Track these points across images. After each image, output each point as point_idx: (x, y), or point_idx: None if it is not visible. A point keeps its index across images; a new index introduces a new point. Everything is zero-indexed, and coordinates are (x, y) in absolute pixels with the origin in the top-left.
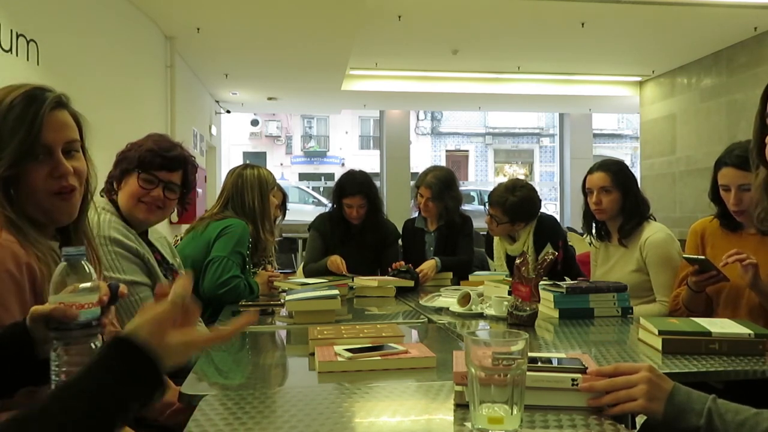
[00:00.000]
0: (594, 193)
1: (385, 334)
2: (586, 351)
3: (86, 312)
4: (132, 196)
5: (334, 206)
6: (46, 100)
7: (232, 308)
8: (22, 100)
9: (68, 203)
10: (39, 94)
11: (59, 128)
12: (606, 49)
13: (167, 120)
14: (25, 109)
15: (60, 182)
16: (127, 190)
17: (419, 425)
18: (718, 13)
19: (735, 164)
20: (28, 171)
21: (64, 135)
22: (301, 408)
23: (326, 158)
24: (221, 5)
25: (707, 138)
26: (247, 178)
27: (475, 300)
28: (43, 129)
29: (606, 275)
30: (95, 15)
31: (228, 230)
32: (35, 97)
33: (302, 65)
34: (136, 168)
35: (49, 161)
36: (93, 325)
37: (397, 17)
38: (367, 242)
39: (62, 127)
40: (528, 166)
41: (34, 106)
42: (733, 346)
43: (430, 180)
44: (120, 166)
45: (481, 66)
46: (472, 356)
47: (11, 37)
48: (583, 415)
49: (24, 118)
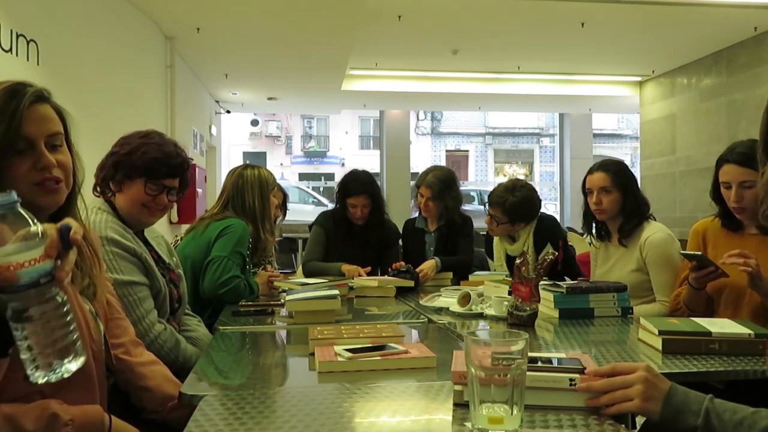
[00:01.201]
0: (594, 193)
1: (385, 334)
2: (586, 351)
3: (29, 271)
4: (136, 201)
5: (337, 206)
6: (26, 93)
7: (232, 308)
8: (3, 95)
9: (53, 195)
10: (20, 89)
11: (40, 121)
12: (606, 49)
13: (167, 120)
14: (5, 103)
15: (43, 174)
16: (131, 195)
17: (419, 425)
18: (718, 13)
19: (737, 161)
20: (12, 164)
21: (46, 128)
22: (301, 408)
23: (326, 158)
24: (221, 5)
25: (707, 138)
26: (247, 179)
27: (475, 300)
28: (24, 122)
29: (606, 275)
30: (95, 15)
31: (228, 230)
32: (16, 92)
33: (302, 65)
34: (143, 176)
35: (31, 154)
36: (43, 283)
37: (397, 17)
38: (369, 241)
39: (43, 120)
40: (528, 166)
41: (14, 100)
42: (733, 346)
43: (430, 180)
44: (121, 170)
45: (481, 66)
46: (472, 356)
47: (11, 37)
48: (583, 415)
49: (5, 112)
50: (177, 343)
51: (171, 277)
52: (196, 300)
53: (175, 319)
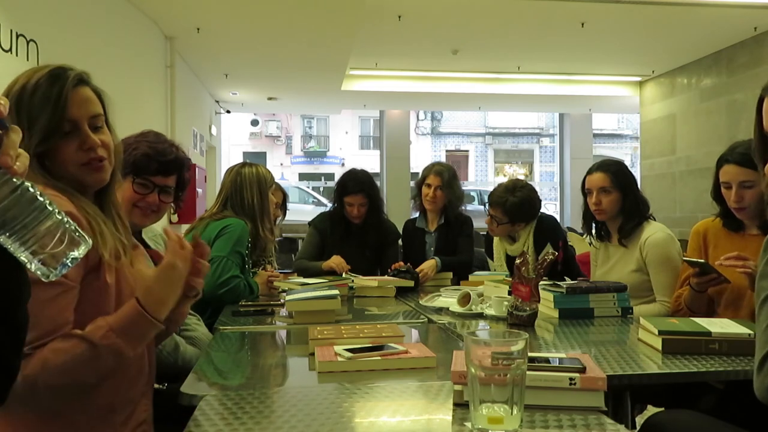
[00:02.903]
0: (593, 193)
1: (385, 334)
2: (586, 351)
3: None
4: (126, 200)
5: (335, 205)
6: (69, 77)
7: (231, 308)
8: (47, 80)
9: (99, 173)
10: (61, 73)
11: (83, 104)
12: (606, 49)
13: (167, 120)
14: (49, 87)
15: (89, 154)
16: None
17: (419, 425)
18: (718, 13)
19: (737, 161)
20: (59, 146)
21: (89, 110)
22: (301, 408)
23: (326, 158)
24: (221, 5)
25: (707, 138)
26: (245, 176)
27: (475, 300)
28: (68, 105)
29: (606, 275)
30: (95, 15)
31: (227, 230)
32: (58, 76)
33: (302, 65)
34: (131, 173)
35: (77, 135)
36: None
37: (397, 17)
38: (368, 242)
39: (86, 102)
40: (528, 166)
41: (58, 84)
42: (733, 346)
43: (438, 168)
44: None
45: (481, 66)
46: (472, 356)
47: (11, 37)
48: (583, 415)
49: (50, 96)
50: (176, 346)
51: None
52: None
53: None
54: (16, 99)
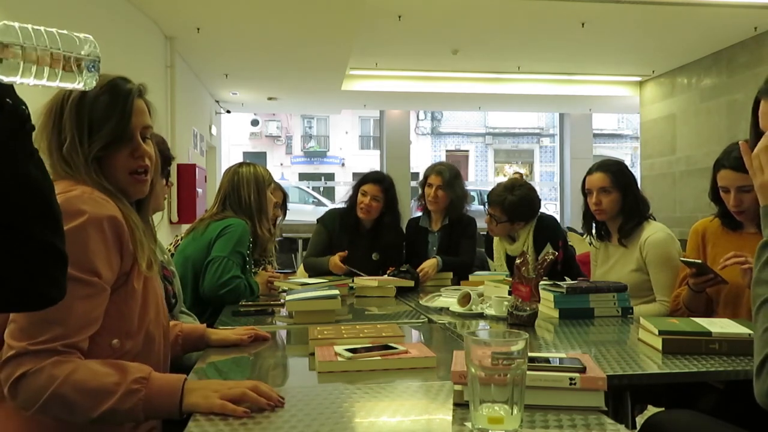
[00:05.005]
0: (593, 193)
1: (385, 334)
2: (586, 351)
3: None
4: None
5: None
6: (132, 89)
7: (232, 308)
8: (109, 89)
9: (142, 185)
10: (123, 84)
11: (139, 114)
12: (606, 49)
13: (167, 120)
14: (114, 97)
15: (138, 162)
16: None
17: (419, 425)
18: (718, 13)
19: (733, 167)
20: (115, 152)
21: (143, 120)
22: (301, 408)
23: (326, 158)
24: (221, 5)
25: (707, 138)
26: (243, 175)
27: (475, 300)
28: (132, 115)
29: (606, 275)
30: (95, 15)
31: (228, 230)
32: (121, 87)
33: (302, 65)
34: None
35: (129, 144)
36: None
37: (397, 17)
38: (375, 244)
39: (142, 113)
40: (528, 166)
41: (122, 94)
42: (733, 346)
43: (440, 168)
44: None
45: (481, 66)
46: (472, 356)
47: None
48: (583, 415)
49: (115, 105)
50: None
51: (164, 274)
52: (196, 300)
53: (172, 316)
54: (77, 105)
